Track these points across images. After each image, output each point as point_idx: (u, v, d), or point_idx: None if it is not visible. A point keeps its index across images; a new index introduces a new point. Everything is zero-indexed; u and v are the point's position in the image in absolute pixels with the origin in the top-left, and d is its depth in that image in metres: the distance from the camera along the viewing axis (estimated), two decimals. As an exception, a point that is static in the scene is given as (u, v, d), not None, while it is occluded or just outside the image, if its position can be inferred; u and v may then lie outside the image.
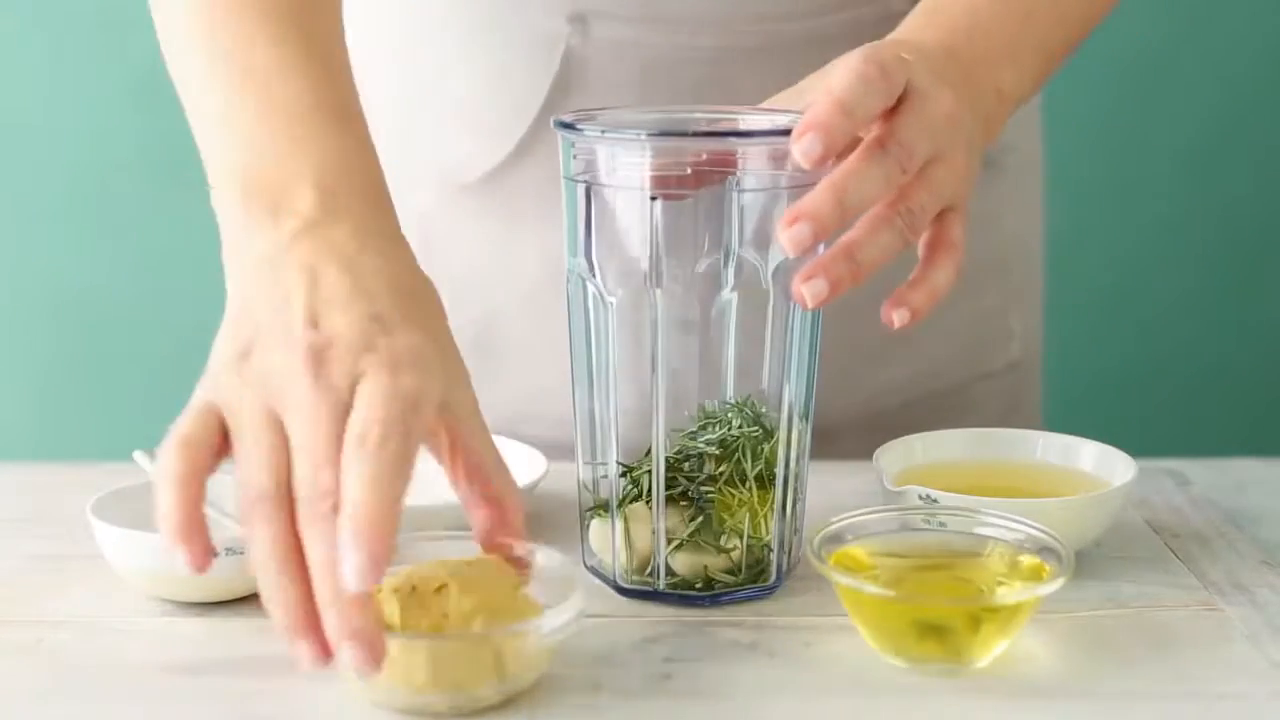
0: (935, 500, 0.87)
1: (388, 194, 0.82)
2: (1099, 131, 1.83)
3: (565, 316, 1.09)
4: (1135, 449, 0.94)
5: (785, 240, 0.78)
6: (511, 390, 1.12)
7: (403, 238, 0.81)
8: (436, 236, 1.13)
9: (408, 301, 0.76)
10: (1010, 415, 1.19)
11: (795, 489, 0.86)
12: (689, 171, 0.81)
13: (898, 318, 0.84)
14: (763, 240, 0.83)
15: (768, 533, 0.85)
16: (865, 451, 0.95)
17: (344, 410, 0.72)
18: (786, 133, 0.84)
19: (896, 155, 0.81)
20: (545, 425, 1.10)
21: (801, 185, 0.83)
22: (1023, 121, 1.17)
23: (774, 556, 0.85)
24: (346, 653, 0.68)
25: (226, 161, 0.83)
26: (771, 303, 0.84)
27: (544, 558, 0.78)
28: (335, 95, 0.83)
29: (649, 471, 0.84)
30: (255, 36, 0.83)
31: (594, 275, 0.84)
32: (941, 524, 0.86)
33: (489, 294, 1.12)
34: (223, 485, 0.91)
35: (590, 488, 0.87)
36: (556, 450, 1.02)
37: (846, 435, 1.08)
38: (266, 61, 0.83)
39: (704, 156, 0.81)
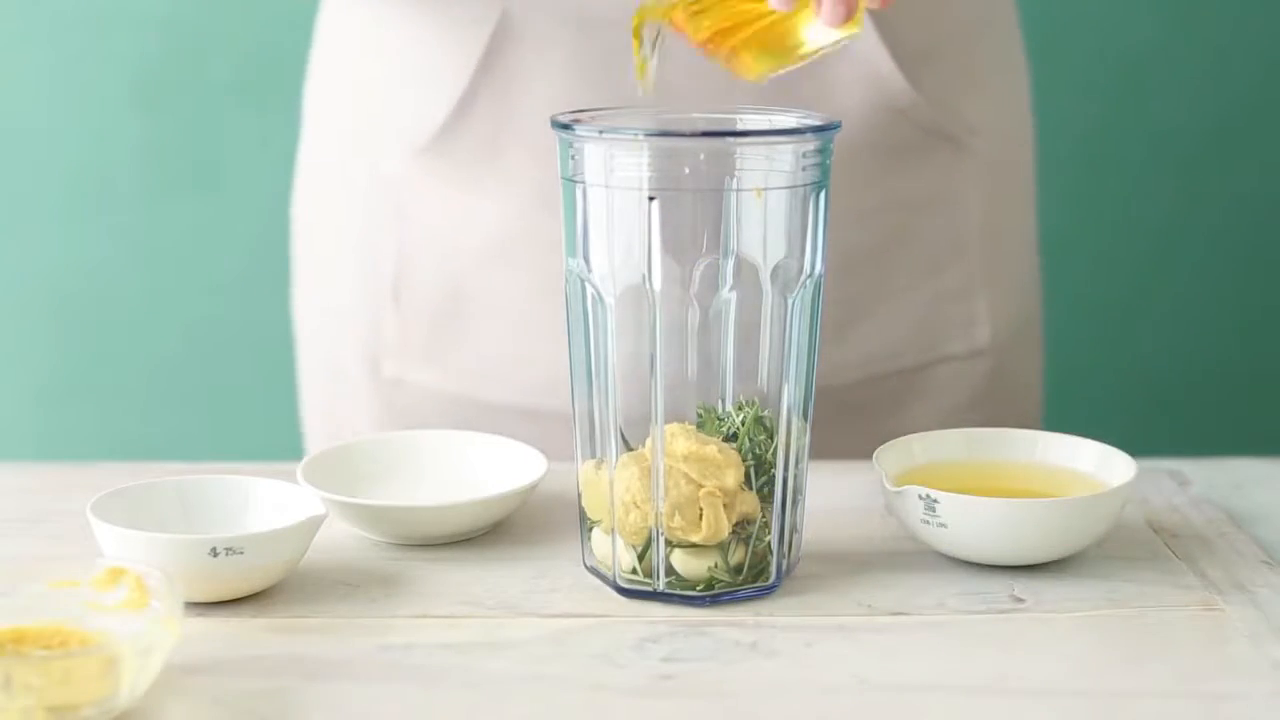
0: (936, 500, 0.87)
1: None
2: (1101, 130, 1.83)
3: (524, 279, 1.10)
4: (1135, 449, 0.94)
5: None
6: (476, 353, 1.14)
7: None
8: (406, 200, 1.15)
9: None
10: (981, 403, 1.18)
11: (795, 489, 0.86)
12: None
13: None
14: (760, 240, 0.83)
15: (768, 533, 0.85)
16: (822, 428, 0.95)
17: None
18: (785, 133, 0.84)
19: None
20: (510, 390, 1.12)
21: (800, 184, 0.83)
22: (991, 102, 1.17)
23: (774, 556, 0.85)
24: None
25: None
26: (770, 303, 0.84)
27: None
28: None
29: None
30: None
31: (592, 275, 0.84)
32: (942, 524, 0.86)
33: (451, 256, 1.14)
34: (212, 488, 0.91)
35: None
36: (523, 416, 1.03)
37: None
38: None
39: (702, 157, 0.81)
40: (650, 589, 0.85)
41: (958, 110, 1.14)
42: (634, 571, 0.85)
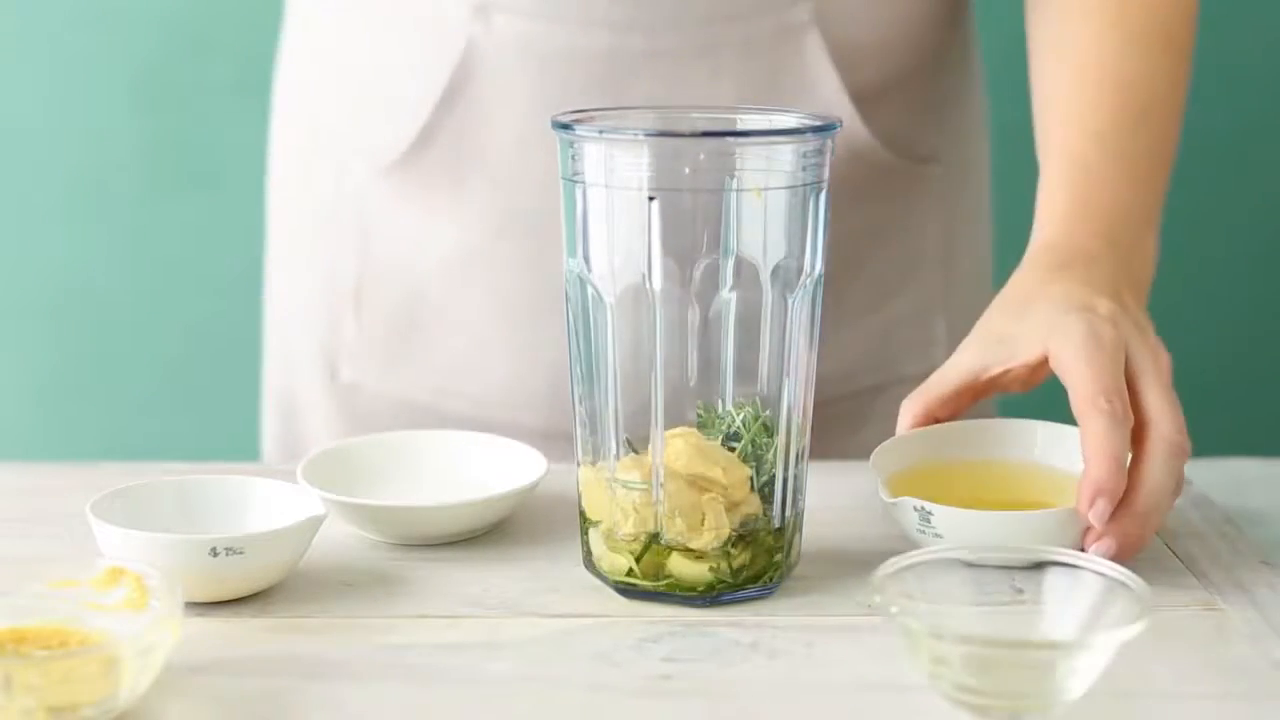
0: (930, 512, 0.86)
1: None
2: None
3: (481, 298, 1.12)
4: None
5: (1092, 518, 0.85)
6: (432, 365, 1.16)
7: None
8: (369, 216, 1.16)
9: None
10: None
11: (795, 489, 0.86)
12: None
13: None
14: (760, 240, 0.83)
15: (768, 534, 0.85)
16: None
17: None
18: (785, 133, 0.84)
19: (1124, 413, 0.88)
20: (464, 402, 1.15)
21: (800, 184, 0.83)
22: (948, 130, 1.18)
23: (774, 557, 0.85)
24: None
25: None
26: (770, 302, 0.84)
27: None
28: None
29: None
30: None
31: (592, 275, 0.84)
32: (938, 535, 0.86)
33: (410, 271, 1.15)
34: (211, 487, 0.91)
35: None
36: (477, 428, 1.07)
37: None
38: None
39: (702, 157, 0.82)
40: (650, 589, 0.85)
41: (913, 143, 1.14)
42: (633, 573, 0.85)
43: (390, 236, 1.15)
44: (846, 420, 1.15)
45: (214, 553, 0.82)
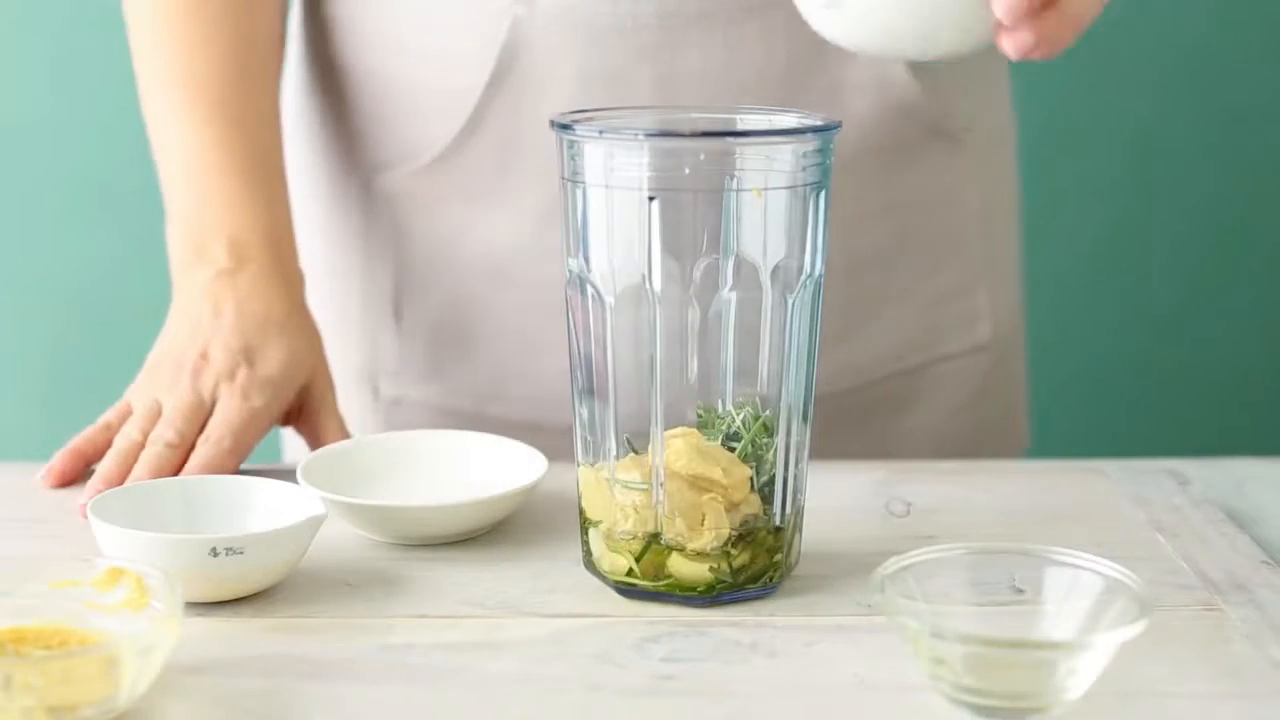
0: None
1: (288, 240, 1.07)
2: (1098, 125, 1.83)
3: (529, 293, 1.11)
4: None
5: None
6: (479, 369, 1.14)
7: (294, 278, 1.06)
8: (405, 218, 1.14)
9: (277, 335, 1.02)
10: (980, 400, 1.19)
11: (795, 489, 0.86)
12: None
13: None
14: (760, 240, 0.83)
15: (768, 534, 0.85)
16: (822, 432, 0.95)
17: (203, 410, 0.99)
18: (785, 133, 0.84)
19: None
20: (514, 405, 1.13)
21: (800, 184, 0.83)
22: (982, 97, 1.18)
23: (774, 557, 0.85)
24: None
25: (172, 206, 1.12)
26: (770, 302, 0.84)
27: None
28: (252, 161, 1.07)
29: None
30: (188, 114, 1.09)
31: (592, 275, 0.84)
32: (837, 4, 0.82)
33: (453, 275, 1.13)
34: (211, 487, 0.91)
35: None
36: (526, 430, 1.05)
37: None
38: (199, 135, 1.08)
39: (702, 157, 0.82)
40: (650, 589, 0.85)
41: (955, 106, 1.14)
42: (633, 573, 0.85)
43: (431, 240, 1.13)
44: (896, 400, 1.15)
45: (214, 553, 0.83)
